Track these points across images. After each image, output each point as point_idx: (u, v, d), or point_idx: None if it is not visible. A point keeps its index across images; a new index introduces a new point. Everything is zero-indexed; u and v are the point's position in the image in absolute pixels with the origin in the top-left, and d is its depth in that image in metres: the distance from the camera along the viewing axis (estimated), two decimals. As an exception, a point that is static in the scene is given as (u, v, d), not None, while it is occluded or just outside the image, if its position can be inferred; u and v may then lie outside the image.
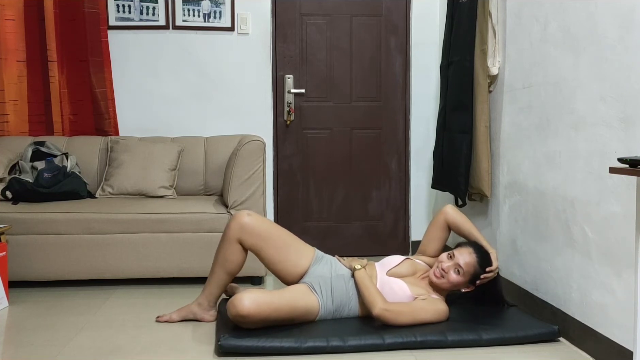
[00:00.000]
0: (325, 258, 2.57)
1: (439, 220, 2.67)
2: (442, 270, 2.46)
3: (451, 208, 2.66)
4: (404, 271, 2.54)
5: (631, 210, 2.01)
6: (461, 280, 2.45)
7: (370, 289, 2.34)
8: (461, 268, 2.44)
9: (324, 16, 3.97)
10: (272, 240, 2.48)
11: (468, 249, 2.49)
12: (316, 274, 2.47)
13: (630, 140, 2.01)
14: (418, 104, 4.03)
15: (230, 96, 3.93)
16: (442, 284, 2.47)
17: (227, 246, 2.49)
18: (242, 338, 2.20)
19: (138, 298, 2.99)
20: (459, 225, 2.63)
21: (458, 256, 2.46)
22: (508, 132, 2.97)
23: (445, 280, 2.45)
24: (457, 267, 2.44)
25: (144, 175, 3.42)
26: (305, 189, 4.02)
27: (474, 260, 2.46)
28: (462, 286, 2.49)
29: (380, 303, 2.29)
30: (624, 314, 2.06)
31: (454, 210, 2.66)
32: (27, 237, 3.05)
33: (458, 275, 2.44)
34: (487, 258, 2.50)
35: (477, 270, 2.46)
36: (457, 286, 2.48)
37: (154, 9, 3.84)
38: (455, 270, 2.44)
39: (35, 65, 3.72)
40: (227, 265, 2.51)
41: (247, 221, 2.47)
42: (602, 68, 2.18)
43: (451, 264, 2.45)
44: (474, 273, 2.46)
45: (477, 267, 2.46)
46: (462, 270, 2.44)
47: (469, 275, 2.46)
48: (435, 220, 2.70)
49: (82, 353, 2.24)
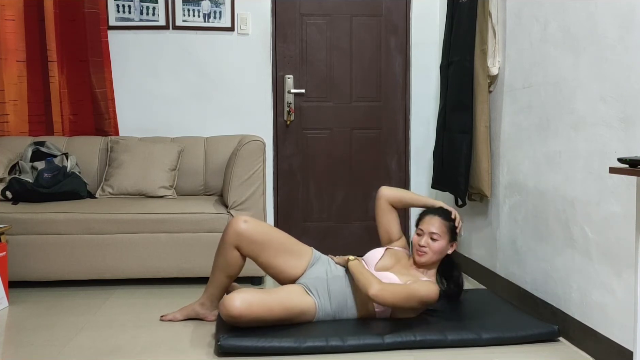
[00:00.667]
0: (322, 258, 2.59)
1: (381, 204, 2.71)
2: (421, 247, 2.50)
3: (385, 188, 2.73)
4: (389, 262, 2.55)
5: (631, 210, 2.01)
6: (443, 243, 2.51)
7: (365, 274, 2.36)
8: (435, 234, 2.49)
9: (324, 16, 3.97)
10: (269, 245, 2.50)
11: (427, 217, 2.56)
12: (312, 276, 2.48)
13: (630, 140, 2.01)
14: (418, 104, 4.03)
15: (230, 96, 3.93)
16: (430, 259, 2.50)
17: (225, 251, 2.51)
18: (242, 338, 2.20)
19: (138, 298, 2.99)
20: (400, 198, 2.71)
21: (425, 228, 2.52)
22: (508, 132, 2.97)
23: (430, 253, 2.49)
24: (432, 236, 2.50)
25: (144, 176, 3.42)
26: (305, 189, 4.02)
27: (440, 220, 2.53)
28: (447, 248, 2.53)
29: (376, 284, 2.30)
30: (624, 314, 2.06)
31: (387, 189, 2.73)
32: (27, 237, 3.05)
33: (437, 241, 2.50)
34: (445, 211, 2.59)
35: (448, 225, 2.54)
36: (443, 251, 2.52)
37: (154, 9, 3.84)
38: (431, 240, 2.50)
39: (35, 65, 3.72)
40: (226, 269, 2.53)
41: (243, 229, 2.48)
42: (602, 68, 2.18)
43: (425, 237, 2.51)
44: (448, 228, 2.53)
45: (446, 223, 2.54)
46: (437, 234, 2.49)
47: (446, 234, 2.52)
48: (378, 206, 2.73)
49: (82, 353, 2.24)
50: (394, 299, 2.30)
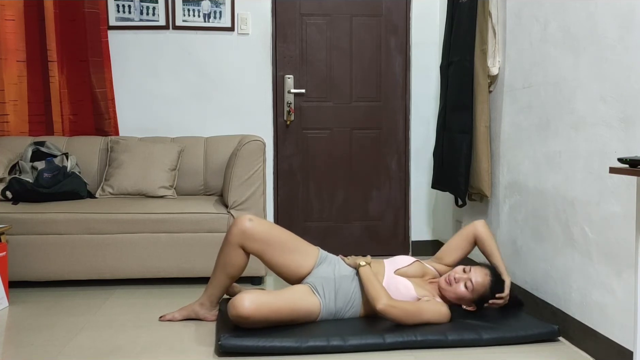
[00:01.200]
0: (329, 258, 2.57)
1: (468, 232, 2.66)
2: (453, 278, 2.45)
3: (482, 224, 2.65)
4: (413, 272, 2.53)
5: (631, 210, 2.01)
6: (467, 295, 2.44)
7: (375, 285, 2.34)
8: (471, 284, 2.42)
9: (324, 16, 3.97)
10: (275, 244, 2.48)
11: (485, 270, 2.47)
12: (319, 275, 2.47)
13: (630, 140, 2.01)
14: (418, 104, 4.03)
15: (230, 96, 3.93)
16: (447, 292, 2.46)
17: (228, 251, 2.49)
18: (243, 338, 2.20)
19: (138, 298, 2.98)
20: (485, 242, 2.62)
21: (473, 273, 2.45)
22: (508, 132, 2.97)
23: (452, 289, 2.45)
24: (468, 282, 2.43)
25: (144, 175, 3.42)
26: (305, 189, 4.02)
27: (487, 282, 2.44)
28: (466, 303, 2.47)
29: (385, 299, 2.28)
30: (624, 314, 2.06)
31: (484, 227, 2.65)
32: (27, 237, 3.05)
33: (466, 289, 2.43)
34: (499, 285, 2.48)
35: (486, 292, 2.45)
36: (461, 300, 2.46)
37: (154, 9, 3.84)
38: (464, 284, 2.43)
39: (35, 65, 3.72)
40: (228, 270, 2.51)
41: (248, 227, 2.46)
42: (602, 68, 2.18)
43: (464, 277, 2.44)
44: (482, 294, 2.45)
45: (487, 290, 2.44)
46: (471, 286, 2.42)
47: (476, 294, 2.44)
48: (463, 231, 2.68)
49: (82, 353, 2.24)
50: (400, 316, 2.29)
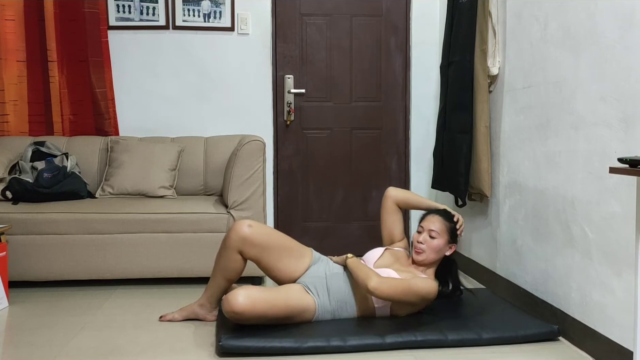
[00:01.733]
0: (322, 259, 2.61)
1: (388, 204, 2.73)
2: (419, 243, 2.52)
3: (392, 189, 2.74)
4: (388, 261, 2.57)
5: (631, 210, 2.01)
6: (441, 241, 2.51)
7: (363, 269, 2.37)
8: (434, 232, 2.51)
9: (324, 16, 3.97)
10: (272, 249, 2.50)
11: (429, 216, 2.58)
12: (311, 275, 2.50)
13: (630, 140, 2.01)
14: (418, 104, 4.03)
15: (230, 96, 3.93)
16: (427, 257, 2.51)
17: (227, 255, 2.50)
18: (243, 338, 2.20)
19: (138, 298, 2.99)
20: (407, 199, 2.73)
21: (425, 225, 2.54)
22: (508, 132, 2.97)
23: (427, 250, 2.50)
24: (430, 233, 2.51)
25: (144, 175, 3.42)
26: (305, 189, 4.02)
27: (440, 220, 2.54)
28: (445, 248, 2.53)
29: (375, 277, 2.31)
30: (624, 313, 2.06)
31: (395, 189, 2.74)
32: (27, 237, 3.05)
33: (435, 239, 2.51)
34: (447, 213, 2.60)
35: (448, 225, 2.54)
36: (441, 250, 2.52)
37: (154, 9, 3.84)
38: (429, 236, 2.51)
39: (35, 65, 3.72)
40: (227, 273, 2.52)
41: (248, 233, 2.47)
42: (602, 68, 2.18)
43: (424, 234, 2.52)
44: (448, 229, 2.54)
45: (447, 223, 2.54)
46: (436, 232, 2.51)
47: (445, 234, 2.52)
48: (384, 207, 2.74)
49: (82, 353, 2.24)
50: (392, 292, 2.31)
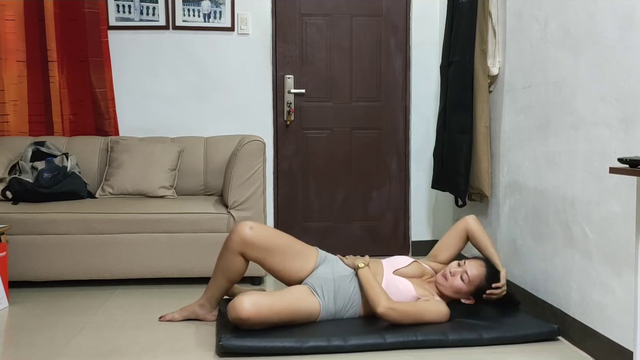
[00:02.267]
0: (328, 258, 2.57)
1: (459, 228, 2.68)
2: (448, 272, 2.48)
3: (473, 219, 2.67)
4: (411, 273, 2.54)
5: (631, 210, 2.01)
6: (464, 288, 2.47)
7: (374, 287, 2.34)
8: (467, 276, 2.45)
9: (324, 16, 3.97)
10: (275, 250, 2.47)
11: (479, 261, 2.52)
12: (318, 276, 2.47)
13: (631, 140, 2.01)
14: (418, 104, 4.03)
15: (230, 96, 3.93)
16: (445, 287, 2.49)
17: (228, 256, 2.48)
18: (243, 338, 2.20)
19: (138, 298, 2.98)
20: (478, 237, 2.64)
21: (467, 265, 2.48)
22: (508, 132, 2.97)
23: (448, 283, 2.47)
24: (464, 274, 2.46)
25: (144, 176, 3.42)
26: (305, 189, 4.02)
27: (482, 273, 2.47)
28: (463, 296, 2.50)
29: (385, 301, 2.29)
30: (624, 313, 2.06)
31: (475, 221, 2.67)
32: (27, 237, 3.05)
33: (462, 282, 2.46)
34: (495, 274, 2.51)
35: (482, 283, 2.48)
36: (458, 293, 2.49)
37: (154, 9, 3.84)
38: (460, 277, 2.46)
39: (35, 65, 3.72)
40: (228, 274, 2.51)
41: (249, 236, 2.44)
42: (602, 68, 2.18)
43: (459, 270, 2.47)
44: (479, 285, 2.48)
45: (483, 281, 2.48)
46: (467, 278, 2.45)
47: (472, 286, 2.47)
48: (454, 228, 2.70)
49: (82, 353, 2.24)
50: (401, 319, 2.31)
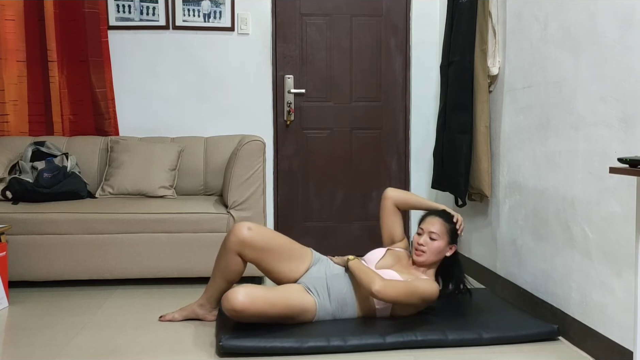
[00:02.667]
0: (322, 259, 2.60)
1: (387, 205, 2.73)
2: (420, 245, 2.52)
3: (391, 190, 2.75)
4: (389, 262, 2.57)
5: (631, 210, 2.01)
6: (441, 243, 2.52)
7: (366, 271, 2.37)
8: (434, 234, 2.51)
9: (324, 16, 3.97)
10: (272, 251, 2.49)
11: (428, 217, 2.58)
12: (311, 276, 2.49)
13: (631, 140, 2.01)
14: (418, 104, 4.03)
15: (230, 96, 3.93)
16: (427, 258, 2.51)
17: (226, 257, 2.49)
18: (244, 338, 2.20)
19: (138, 298, 2.98)
20: (406, 200, 2.73)
21: (425, 227, 2.54)
22: (508, 132, 2.97)
23: (428, 252, 2.51)
24: (431, 235, 2.51)
25: (144, 175, 3.42)
26: (305, 189, 4.02)
27: (440, 221, 2.54)
28: (446, 250, 2.54)
29: (379, 280, 2.32)
30: (624, 313, 2.06)
31: (393, 190, 2.75)
32: (27, 237, 3.05)
33: (436, 241, 2.51)
34: (447, 214, 2.59)
35: (448, 227, 2.54)
36: (441, 252, 2.53)
37: (154, 9, 3.84)
38: (430, 239, 2.51)
39: (35, 65, 3.72)
40: (226, 275, 2.52)
41: (247, 236, 2.46)
42: (602, 68, 2.18)
43: (424, 236, 2.52)
44: (448, 230, 2.54)
45: (447, 225, 2.54)
46: (436, 234, 2.51)
47: (445, 235, 2.52)
48: (384, 208, 2.74)
49: (82, 353, 2.24)
50: (396, 295, 2.31)
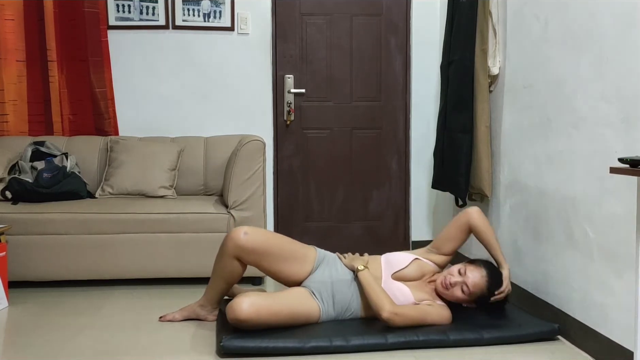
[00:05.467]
0: (327, 258, 2.55)
1: (462, 221, 2.57)
2: (449, 283, 2.42)
3: (477, 211, 2.56)
4: (411, 274, 2.50)
5: (632, 210, 2.01)
6: (465, 299, 2.43)
7: (376, 291, 2.33)
8: (467, 288, 2.39)
9: (324, 16, 3.97)
10: (271, 254, 2.45)
11: (481, 270, 2.42)
12: (316, 279, 2.45)
13: (631, 140, 2.01)
14: (418, 103, 4.03)
15: (230, 96, 3.92)
16: (445, 296, 2.46)
17: (225, 261, 2.47)
18: (245, 339, 2.20)
19: (138, 298, 2.98)
20: (481, 231, 2.54)
21: (469, 274, 2.40)
22: (509, 131, 2.97)
23: (449, 293, 2.43)
24: (464, 286, 2.39)
25: (143, 175, 3.41)
26: (305, 189, 4.01)
27: (483, 284, 2.40)
28: (464, 302, 2.46)
29: (389, 306, 2.27)
30: (625, 314, 2.06)
31: (479, 214, 2.55)
32: (27, 237, 3.04)
33: (462, 294, 2.41)
34: (498, 281, 2.43)
35: (484, 293, 2.42)
36: (459, 302, 2.45)
37: (153, 8, 3.84)
38: (461, 289, 2.40)
39: (35, 65, 3.71)
40: (226, 277, 2.51)
41: (243, 242, 2.41)
42: (602, 67, 2.18)
43: (459, 281, 2.40)
44: (480, 295, 2.42)
45: (485, 291, 2.41)
46: (467, 290, 2.39)
47: (474, 296, 2.42)
48: (457, 220, 2.59)
49: (82, 353, 2.24)
50: (405, 323, 2.30)
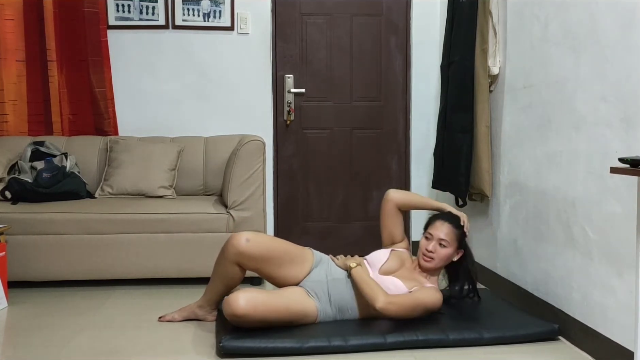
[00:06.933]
0: (323, 260, 2.57)
1: (388, 207, 2.68)
2: (429, 252, 2.48)
3: (393, 191, 2.69)
4: (394, 265, 2.54)
5: (632, 210, 2.01)
6: (450, 250, 2.49)
7: (370, 285, 2.35)
8: (444, 240, 2.47)
9: (324, 16, 3.97)
10: (271, 260, 2.47)
11: (437, 222, 2.52)
12: (312, 280, 2.47)
13: (631, 140, 2.01)
14: (418, 103, 4.03)
15: (230, 96, 3.92)
16: (436, 265, 2.49)
17: (225, 266, 2.48)
18: (244, 339, 2.20)
19: (138, 298, 2.98)
20: (409, 201, 2.70)
21: (434, 233, 2.50)
22: (509, 132, 2.97)
23: (437, 259, 2.48)
24: (440, 242, 2.48)
25: (143, 175, 3.41)
26: (305, 189, 4.01)
27: (449, 227, 2.50)
28: (454, 255, 2.52)
29: (382, 296, 2.30)
30: (625, 314, 2.06)
31: (396, 192, 2.70)
32: (26, 237, 3.04)
33: (445, 248, 2.48)
34: (455, 218, 2.55)
35: (457, 232, 2.51)
36: (449, 258, 2.51)
37: (153, 8, 3.84)
38: (439, 245, 2.48)
39: (35, 65, 3.71)
40: (225, 281, 2.51)
41: (245, 248, 2.42)
42: (603, 68, 2.18)
43: (434, 242, 2.49)
44: (457, 236, 2.50)
45: (456, 230, 2.51)
46: (446, 241, 2.47)
47: (454, 242, 2.50)
48: (385, 209, 2.69)
49: (81, 353, 2.24)
50: (400, 311, 2.31)
